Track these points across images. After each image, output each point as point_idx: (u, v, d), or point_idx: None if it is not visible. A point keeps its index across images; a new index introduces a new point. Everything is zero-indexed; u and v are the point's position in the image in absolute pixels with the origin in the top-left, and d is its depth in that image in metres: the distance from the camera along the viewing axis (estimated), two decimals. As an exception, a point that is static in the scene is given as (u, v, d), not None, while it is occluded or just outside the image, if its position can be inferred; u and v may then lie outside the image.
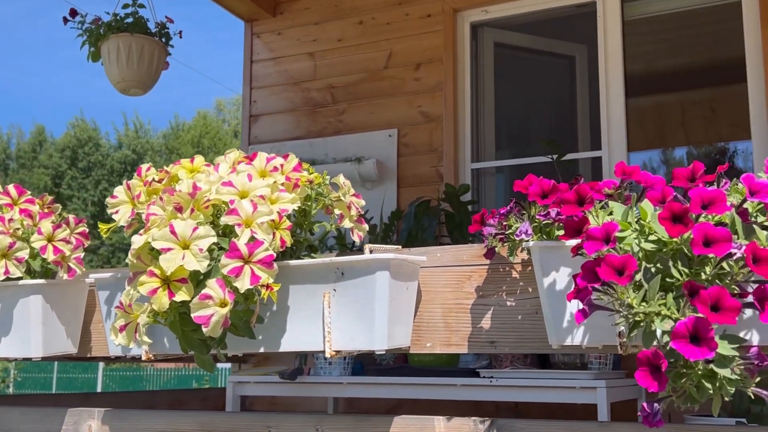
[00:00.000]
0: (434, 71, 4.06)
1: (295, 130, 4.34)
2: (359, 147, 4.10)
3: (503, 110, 4.44)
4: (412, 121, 4.10)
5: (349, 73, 4.25)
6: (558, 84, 4.62)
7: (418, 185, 4.02)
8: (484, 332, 1.55)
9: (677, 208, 1.09)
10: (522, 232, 1.33)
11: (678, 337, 1.02)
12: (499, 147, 4.38)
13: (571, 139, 4.55)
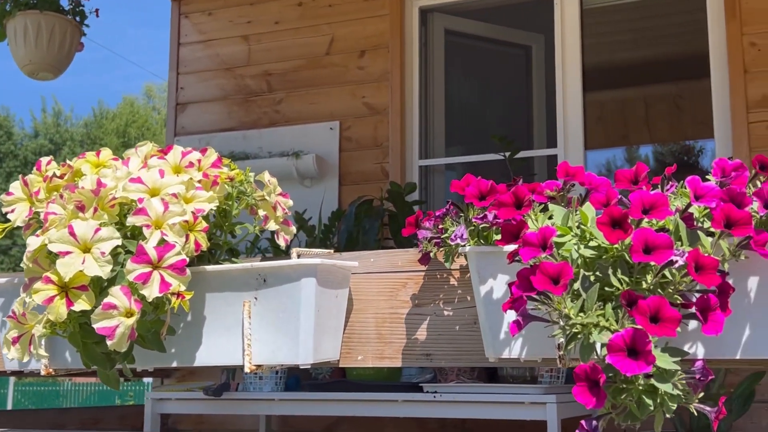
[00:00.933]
0: (380, 59, 4.07)
1: (227, 120, 4.30)
2: (297, 140, 4.09)
3: (455, 103, 4.48)
4: (355, 113, 4.10)
5: (286, 59, 4.23)
6: (513, 76, 4.68)
7: (362, 183, 4.03)
8: (420, 344, 1.56)
9: (616, 212, 1.12)
10: (457, 237, 1.34)
11: (614, 351, 1.04)
12: (450, 143, 4.42)
13: (526, 136, 4.61)
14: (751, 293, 1.20)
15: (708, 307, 1.10)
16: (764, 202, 1.17)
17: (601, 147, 6.47)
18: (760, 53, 3.52)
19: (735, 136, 3.49)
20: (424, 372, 3.04)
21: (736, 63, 3.52)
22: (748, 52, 3.53)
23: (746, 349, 1.21)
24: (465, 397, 2.76)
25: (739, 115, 3.49)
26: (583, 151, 3.83)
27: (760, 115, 3.48)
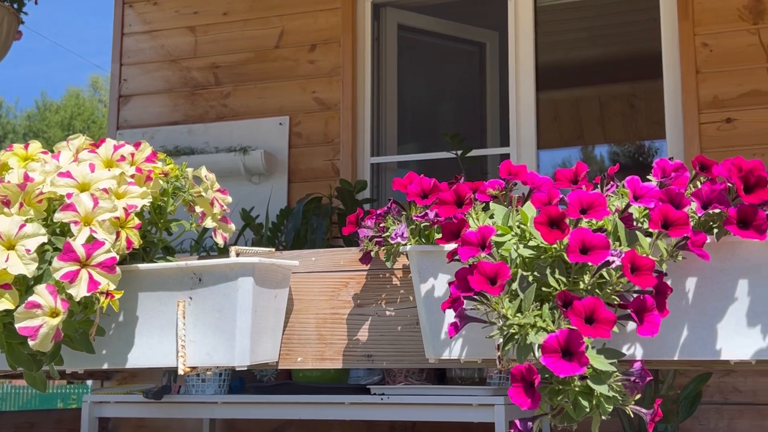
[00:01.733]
0: (331, 53, 4.07)
1: (172, 113, 4.25)
2: (245, 135, 4.06)
3: (407, 100, 4.49)
4: (305, 109, 4.08)
5: (235, 51, 4.20)
6: (468, 73, 4.71)
7: (312, 180, 4.02)
8: (361, 345, 1.56)
9: (554, 212, 1.13)
10: (398, 235, 1.34)
11: (548, 352, 1.06)
12: (402, 140, 4.43)
13: (480, 134, 4.65)
14: (689, 294, 1.23)
15: (644, 308, 1.12)
16: (702, 203, 1.19)
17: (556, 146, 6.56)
18: (713, 54, 3.60)
19: (686, 137, 3.56)
20: (372, 374, 3.05)
21: (689, 63, 3.60)
22: (700, 53, 3.61)
23: (684, 350, 1.24)
24: (413, 399, 2.78)
25: (691, 116, 3.57)
26: (536, 150, 3.87)
27: (712, 115, 3.56)
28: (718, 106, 3.55)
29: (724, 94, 3.55)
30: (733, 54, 3.56)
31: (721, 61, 3.57)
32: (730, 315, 1.21)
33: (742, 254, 1.20)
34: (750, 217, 1.14)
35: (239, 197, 3.82)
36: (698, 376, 2.80)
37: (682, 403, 2.74)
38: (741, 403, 3.33)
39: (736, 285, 1.21)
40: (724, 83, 3.56)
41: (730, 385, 3.34)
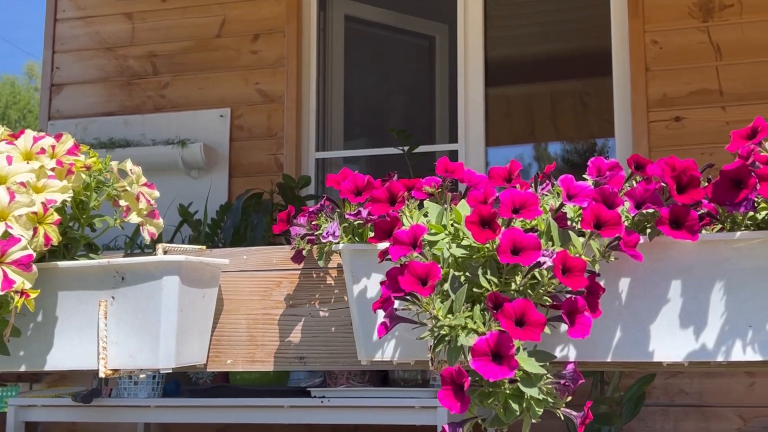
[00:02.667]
0: (275, 44, 4.04)
1: (107, 104, 4.18)
2: (184, 128, 4.01)
3: (355, 94, 4.49)
4: (248, 101, 4.06)
5: (174, 40, 4.15)
6: (417, 67, 4.73)
7: (254, 175, 3.99)
8: (293, 346, 1.56)
9: (485, 211, 1.14)
10: (329, 234, 1.34)
11: (478, 355, 1.07)
12: (349, 135, 4.43)
13: (429, 130, 4.67)
14: (622, 295, 1.25)
15: (575, 310, 1.14)
16: (636, 202, 1.22)
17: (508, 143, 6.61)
18: (662, 51, 3.67)
19: (635, 135, 3.63)
20: (313, 376, 3.05)
21: (638, 61, 3.66)
22: (650, 50, 3.68)
23: (617, 352, 1.26)
24: (354, 402, 2.78)
25: (640, 114, 3.63)
26: (484, 147, 3.90)
27: (661, 114, 3.63)
28: (667, 104, 3.62)
29: (673, 92, 3.62)
30: (682, 52, 3.63)
31: (670, 59, 3.64)
32: (662, 316, 1.24)
33: (674, 255, 1.22)
34: (682, 217, 1.16)
35: (177, 192, 3.78)
36: (642, 378, 2.85)
37: (625, 405, 2.79)
38: (687, 405, 3.41)
39: (669, 286, 1.23)
40: (673, 81, 3.63)
41: (676, 386, 3.41)
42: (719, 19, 3.60)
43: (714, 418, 3.40)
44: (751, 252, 1.19)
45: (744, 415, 3.35)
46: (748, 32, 3.56)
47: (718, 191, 1.17)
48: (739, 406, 3.37)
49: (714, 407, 3.39)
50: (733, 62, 3.57)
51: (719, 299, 1.21)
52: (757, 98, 3.50)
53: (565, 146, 7.99)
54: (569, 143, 7.33)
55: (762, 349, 1.20)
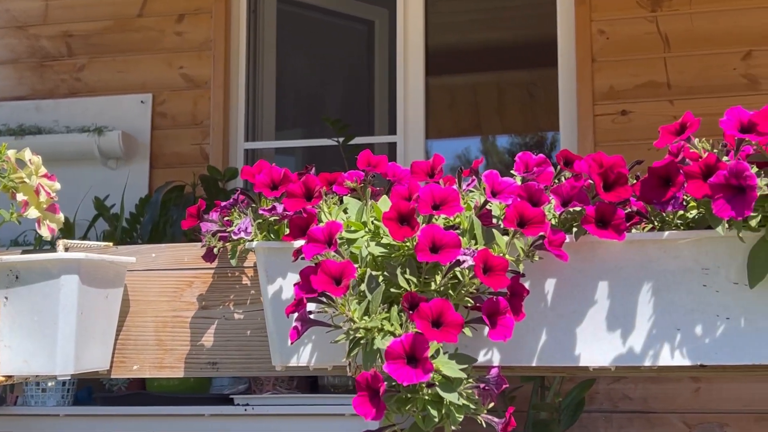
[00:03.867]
0: (201, 25, 4.00)
1: (17, 87, 4.09)
2: (102, 114, 3.94)
3: (288, 80, 4.47)
4: (171, 86, 4.01)
5: (91, 19, 4.07)
6: (355, 53, 4.73)
7: (178, 166, 3.95)
8: (205, 351, 1.55)
9: (404, 207, 1.15)
10: (241, 230, 1.34)
11: (393, 358, 1.08)
12: (283, 125, 4.41)
13: (368, 120, 4.68)
14: (548, 296, 1.28)
15: (497, 311, 1.16)
16: (562, 200, 1.24)
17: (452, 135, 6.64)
18: (609, 42, 3.73)
19: (580, 129, 3.69)
20: (237, 382, 3.03)
21: (584, 51, 3.72)
22: (596, 40, 3.73)
23: (542, 356, 1.28)
24: (280, 410, 2.78)
25: (585, 107, 3.69)
26: (424, 139, 3.92)
27: (607, 107, 3.69)
28: (613, 97, 3.69)
29: (620, 84, 3.69)
30: (630, 42, 3.70)
31: (617, 50, 3.71)
32: (589, 318, 1.26)
33: (602, 255, 1.25)
34: (608, 216, 1.19)
35: (93, 183, 3.72)
36: (582, 383, 2.91)
37: (564, 411, 2.84)
38: (631, 411, 3.48)
39: (596, 287, 1.26)
40: (620, 73, 3.69)
41: (620, 392, 3.48)
42: (668, 9, 3.68)
43: (659, 424, 3.48)
44: (679, 252, 1.22)
45: (689, 421, 3.44)
46: (697, 23, 3.65)
47: (646, 189, 1.20)
48: (684, 412, 3.45)
49: (659, 413, 3.47)
50: (682, 54, 3.65)
51: (647, 301, 1.24)
52: (705, 92, 3.58)
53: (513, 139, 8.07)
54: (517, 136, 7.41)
55: (690, 354, 1.23)
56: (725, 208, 1.08)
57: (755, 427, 3.38)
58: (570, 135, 3.74)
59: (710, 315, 1.22)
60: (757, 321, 1.20)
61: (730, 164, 1.08)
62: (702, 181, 1.12)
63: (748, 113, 1.14)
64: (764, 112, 1.12)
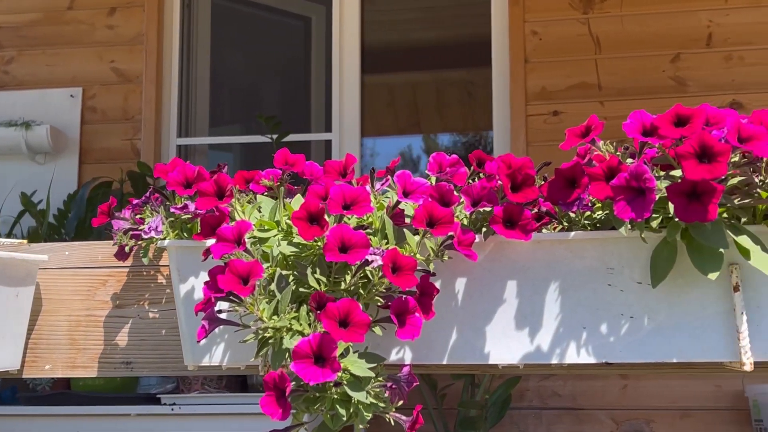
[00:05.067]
0: (133, 18, 3.96)
1: (-60, 80, 4.00)
2: (30, 108, 3.88)
3: (223, 76, 4.44)
4: (102, 80, 3.96)
5: (20, 11, 4.00)
6: (292, 50, 4.72)
7: (108, 162, 3.90)
8: (120, 350, 1.54)
9: (313, 206, 1.16)
10: (151, 229, 1.33)
11: (300, 357, 1.08)
12: (219, 121, 4.39)
13: (305, 117, 4.67)
14: (458, 295, 1.30)
15: (406, 310, 1.17)
16: (473, 200, 1.26)
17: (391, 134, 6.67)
18: (542, 42, 3.79)
19: (513, 129, 3.74)
20: (164, 381, 3.00)
21: (517, 52, 3.77)
22: (529, 41, 3.79)
23: (453, 354, 1.30)
24: (208, 409, 2.76)
25: (518, 107, 3.74)
26: (360, 137, 3.94)
27: (539, 107, 3.75)
28: (545, 97, 3.75)
29: (552, 85, 3.75)
30: (562, 44, 3.76)
31: (550, 51, 3.77)
32: (498, 317, 1.29)
33: (510, 255, 1.27)
34: (516, 216, 1.21)
35: (20, 179, 3.66)
36: (508, 380, 2.95)
37: (490, 409, 2.88)
38: (560, 408, 3.55)
39: (505, 286, 1.28)
40: (552, 74, 3.76)
41: (549, 389, 3.54)
42: (600, 11, 3.75)
43: (587, 421, 3.55)
44: (585, 252, 1.25)
45: (617, 418, 3.52)
46: (627, 25, 3.72)
47: (553, 190, 1.23)
48: (612, 409, 3.53)
49: (587, 410, 3.54)
50: (613, 56, 3.73)
51: (554, 300, 1.27)
52: (635, 94, 3.66)
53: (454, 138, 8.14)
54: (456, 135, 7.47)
55: (596, 352, 1.26)
56: (626, 209, 1.11)
57: (680, 423, 3.47)
58: (503, 134, 3.79)
59: (615, 314, 1.25)
60: (660, 320, 1.23)
61: (631, 167, 1.11)
62: (605, 182, 1.15)
63: (650, 117, 1.18)
64: (666, 116, 1.16)
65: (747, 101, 3.59)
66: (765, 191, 1.19)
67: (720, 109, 1.16)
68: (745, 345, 1.19)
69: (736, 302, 1.20)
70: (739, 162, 1.14)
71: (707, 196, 1.06)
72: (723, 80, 3.64)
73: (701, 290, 1.22)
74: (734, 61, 3.64)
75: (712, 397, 3.45)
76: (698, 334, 1.23)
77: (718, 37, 3.66)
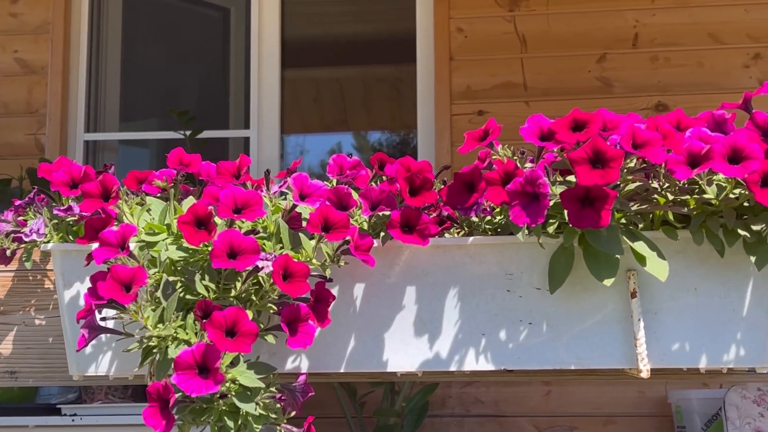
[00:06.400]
0: (39, 6, 3.88)
1: None
2: (-76, 100, 3.77)
3: (136, 68, 4.38)
4: (4, 71, 3.87)
5: None
6: (210, 42, 4.68)
7: (10, 158, 3.82)
8: (3, 359, 1.51)
9: (201, 210, 1.16)
10: (33, 231, 1.31)
11: (182, 368, 1.08)
12: (130, 116, 4.32)
13: (223, 113, 4.64)
14: (357, 302, 1.31)
15: (298, 318, 1.18)
16: (371, 204, 1.27)
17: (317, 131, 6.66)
18: (467, 40, 3.82)
19: (438, 128, 3.77)
20: (66, 391, 2.95)
21: (442, 49, 3.80)
22: (455, 38, 3.83)
23: (351, 362, 1.31)
24: (111, 420, 2.73)
25: (443, 106, 3.77)
26: (279, 134, 3.92)
27: (464, 107, 3.79)
28: (470, 97, 3.79)
29: (477, 84, 3.79)
30: (488, 42, 3.81)
31: (475, 49, 3.81)
32: (397, 324, 1.30)
33: (409, 260, 1.29)
34: (414, 220, 1.23)
35: None
36: (425, 387, 2.98)
37: (407, 417, 2.90)
38: (483, 415, 3.59)
39: (404, 292, 1.30)
40: (478, 73, 3.80)
41: (472, 395, 3.58)
42: (525, 8, 3.80)
43: (510, 427, 3.60)
44: (484, 258, 1.27)
45: (539, 424, 3.57)
46: (553, 24, 3.79)
47: (452, 194, 1.25)
48: (534, 416, 3.59)
49: (510, 417, 3.59)
50: (539, 55, 3.78)
51: (453, 306, 1.29)
52: (560, 94, 3.73)
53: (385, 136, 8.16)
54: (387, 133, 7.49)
55: (495, 358, 1.29)
56: (521, 214, 1.14)
57: (603, 430, 3.54)
58: (428, 134, 3.82)
59: (514, 320, 1.27)
60: (558, 326, 1.26)
61: (526, 172, 1.14)
62: (501, 187, 1.17)
63: (548, 121, 1.21)
64: (563, 121, 1.19)
65: (673, 103, 3.68)
66: (663, 197, 1.23)
67: (617, 114, 1.19)
68: (642, 352, 1.23)
69: (634, 308, 1.23)
70: (635, 167, 1.18)
71: (600, 202, 1.09)
72: (649, 81, 3.73)
73: (599, 296, 1.25)
74: (660, 62, 3.73)
75: (635, 403, 3.53)
76: (596, 341, 1.26)
77: (644, 37, 3.75)
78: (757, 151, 1.12)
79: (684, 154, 1.14)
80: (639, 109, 3.66)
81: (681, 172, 1.13)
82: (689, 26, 3.76)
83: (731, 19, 3.72)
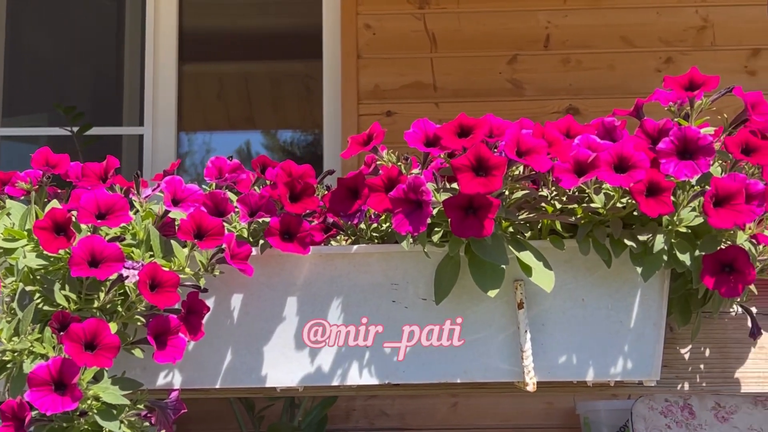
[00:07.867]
0: None
1: None
2: None
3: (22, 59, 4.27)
4: None
5: None
6: (103, 33, 4.58)
7: None
8: None
9: (59, 215, 1.13)
10: None
11: (37, 384, 1.05)
12: (15, 110, 4.21)
13: (116, 108, 4.55)
14: (234, 313, 1.29)
15: (167, 331, 1.16)
16: (250, 210, 1.26)
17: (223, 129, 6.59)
18: (376, 38, 3.83)
19: (344, 129, 3.76)
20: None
21: (350, 46, 3.80)
22: (362, 35, 3.83)
23: (228, 377, 1.30)
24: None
25: (350, 105, 3.77)
26: (176, 132, 3.86)
27: (372, 107, 3.79)
28: (379, 96, 3.79)
29: (386, 83, 3.80)
30: (396, 40, 3.82)
31: (384, 47, 3.81)
32: (277, 337, 1.29)
33: (290, 269, 1.28)
34: (294, 228, 1.22)
35: None
36: (323, 400, 2.97)
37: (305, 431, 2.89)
38: (388, 429, 3.60)
39: (285, 303, 1.29)
40: (386, 71, 3.80)
41: (377, 408, 3.59)
42: (436, 6, 3.83)
43: (416, 442, 3.62)
44: (370, 267, 1.27)
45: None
46: (464, 23, 3.82)
47: (335, 201, 1.24)
48: (441, 428, 3.61)
49: (416, 430, 3.61)
50: (449, 55, 3.81)
51: (336, 318, 1.28)
52: (471, 95, 3.76)
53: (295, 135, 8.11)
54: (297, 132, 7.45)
55: (379, 372, 1.29)
56: (404, 222, 1.14)
57: (511, 443, 3.59)
58: (334, 134, 3.81)
59: (399, 332, 1.28)
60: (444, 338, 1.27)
61: (409, 178, 1.14)
62: (384, 194, 1.17)
63: (434, 126, 1.21)
64: (449, 126, 1.19)
65: (584, 107, 3.76)
66: (552, 206, 1.24)
67: (504, 121, 1.21)
68: (528, 365, 1.25)
69: (520, 320, 1.25)
70: (521, 175, 1.19)
71: (483, 211, 1.10)
72: (560, 84, 3.79)
73: (486, 307, 1.26)
74: (572, 64, 3.80)
75: (543, 414, 3.59)
76: (483, 353, 1.27)
77: (556, 39, 3.82)
78: (643, 160, 1.15)
79: (571, 161, 1.16)
80: (550, 113, 3.72)
81: (567, 180, 1.15)
82: (601, 28, 3.84)
83: (643, 22, 3.81)
